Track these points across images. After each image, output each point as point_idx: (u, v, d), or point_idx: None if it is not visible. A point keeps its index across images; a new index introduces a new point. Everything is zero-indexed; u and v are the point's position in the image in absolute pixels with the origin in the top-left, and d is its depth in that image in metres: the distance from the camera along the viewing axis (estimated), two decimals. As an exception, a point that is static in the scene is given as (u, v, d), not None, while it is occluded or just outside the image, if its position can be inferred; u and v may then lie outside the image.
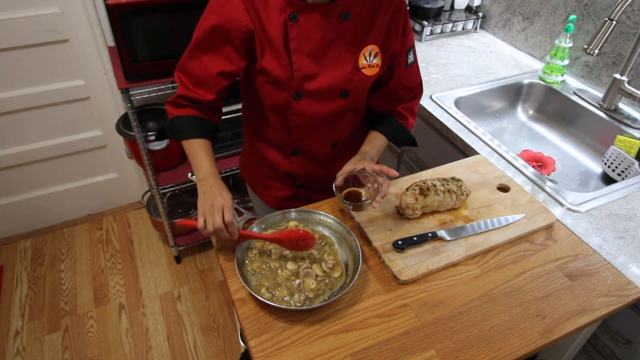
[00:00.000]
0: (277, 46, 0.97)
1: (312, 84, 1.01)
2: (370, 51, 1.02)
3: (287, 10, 0.94)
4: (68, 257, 2.33)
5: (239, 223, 1.02)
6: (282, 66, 0.99)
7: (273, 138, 1.17)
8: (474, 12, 2.06)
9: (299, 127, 1.09)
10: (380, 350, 0.84)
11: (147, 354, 1.92)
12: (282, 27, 0.95)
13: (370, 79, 1.06)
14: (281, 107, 1.06)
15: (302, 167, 1.20)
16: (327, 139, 1.16)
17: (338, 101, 1.05)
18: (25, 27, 1.84)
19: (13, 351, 1.92)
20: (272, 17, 0.95)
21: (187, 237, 2.26)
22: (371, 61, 1.03)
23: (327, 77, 1.01)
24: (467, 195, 1.12)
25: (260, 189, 1.32)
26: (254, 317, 0.89)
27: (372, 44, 1.02)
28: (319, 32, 0.97)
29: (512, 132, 1.69)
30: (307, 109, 1.05)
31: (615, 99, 1.50)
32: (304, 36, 0.96)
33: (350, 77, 1.02)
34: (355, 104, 1.10)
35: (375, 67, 1.05)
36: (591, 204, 1.17)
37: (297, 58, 0.98)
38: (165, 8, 1.53)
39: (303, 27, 0.96)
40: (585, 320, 0.90)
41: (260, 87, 1.05)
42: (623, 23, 1.48)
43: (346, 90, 1.04)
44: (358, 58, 1.02)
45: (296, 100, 1.03)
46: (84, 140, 2.25)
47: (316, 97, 1.03)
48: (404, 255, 1.00)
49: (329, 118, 1.09)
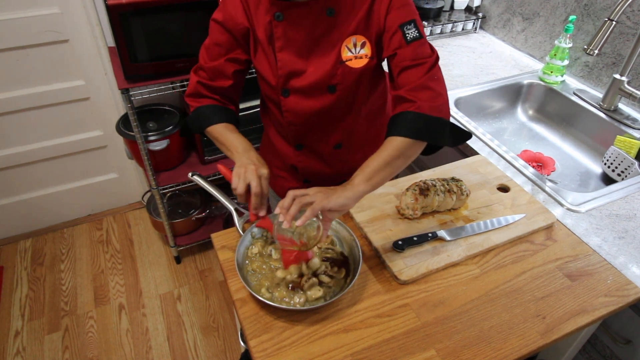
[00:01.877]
0: (264, 45, 1.01)
1: (298, 81, 1.03)
2: (354, 42, 1.00)
3: (272, 10, 0.97)
4: (68, 257, 2.33)
5: (238, 223, 1.02)
6: (269, 64, 1.03)
7: (279, 128, 1.19)
8: (474, 13, 2.06)
9: (293, 124, 1.11)
10: (381, 350, 0.84)
11: (147, 354, 1.92)
12: (267, 26, 0.99)
13: (358, 71, 1.02)
14: (276, 100, 1.09)
15: (305, 161, 1.20)
16: (328, 138, 1.15)
17: (326, 97, 1.05)
18: (26, 28, 1.84)
19: (13, 351, 1.92)
20: (259, 17, 0.99)
21: (187, 237, 2.26)
22: (358, 52, 1.00)
23: (313, 74, 1.02)
24: (467, 196, 1.12)
25: (272, 178, 1.32)
26: (254, 317, 0.89)
27: (355, 34, 0.99)
28: (304, 30, 0.98)
29: (512, 133, 1.69)
30: (296, 106, 1.06)
31: (615, 99, 1.50)
32: (289, 34, 0.98)
33: (333, 70, 1.01)
34: (347, 100, 1.07)
35: (364, 58, 1.01)
36: (591, 204, 1.18)
37: (282, 56, 1.00)
38: (165, 8, 1.53)
39: (287, 26, 0.97)
40: (585, 321, 0.90)
41: (259, 81, 1.10)
42: (623, 23, 1.48)
43: (332, 85, 1.03)
44: (341, 50, 1.00)
45: (284, 97, 1.06)
46: (84, 140, 2.25)
47: (303, 93, 1.04)
48: (404, 255, 1.00)
49: (322, 115, 1.08)
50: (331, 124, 1.12)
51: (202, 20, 1.61)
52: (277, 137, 1.22)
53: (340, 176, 1.22)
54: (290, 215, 0.82)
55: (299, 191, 0.86)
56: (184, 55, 1.64)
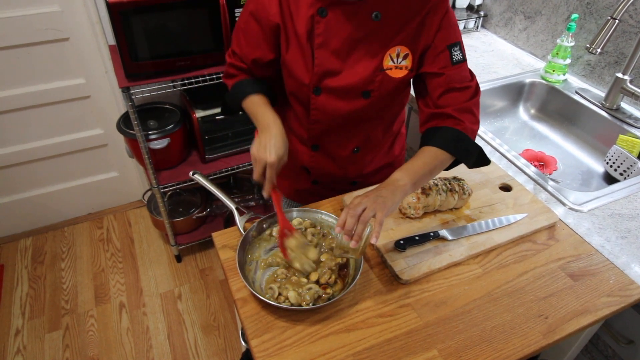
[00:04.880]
0: (302, 40, 0.98)
1: (333, 81, 1.01)
2: (398, 52, 0.99)
3: (316, 5, 0.94)
4: (68, 255, 2.33)
5: (239, 222, 1.02)
6: (304, 61, 1.00)
7: (296, 127, 1.17)
8: (476, 11, 2.05)
9: (318, 122, 1.09)
10: (382, 350, 0.84)
11: (148, 353, 1.92)
12: (309, 21, 0.96)
13: (396, 82, 1.02)
14: (303, 98, 1.07)
15: (319, 163, 1.19)
16: (348, 142, 1.14)
17: (359, 101, 1.04)
18: (26, 26, 1.84)
19: (14, 350, 1.92)
20: (301, 11, 0.96)
21: (188, 236, 2.26)
22: (399, 63, 1.00)
23: (349, 76, 1.00)
24: (469, 195, 1.12)
25: (280, 179, 1.30)
26: (256, 317, 0.89)
27: (400, 45, 0.98)
28: (347, 30, 0.95)
29: (514, 132, 1.68)
30: (326, 105, 1.05)
31: (617, 98, 1.50)
32: (331, 32, 0.96)
33: (372, 77, 1.00)
34: (378, 106, 1.06)
35: (404, 69, 1.01)
36: (593, 203, 1.17)
37: (320, 53, 0.98)
38: (166, 6, 1.53)
39: (330, 23, 0.95)
40: (588, 321, 0.90)
41: (285, 78, 1.08)
42: (625, 22, 1.47)
43: (368, 90, 1.02)
44: (383, 58, 0.99)
45: (316, 95, 1.03)
46: (84, 138, 2.24)
47: (336, 94, 1.03)
48: (405, 254, 0.99)
49: (350, 118, 1.07)
50: (354, 128, 1.11)
51: (203, 18, 1.60)
52: (291, 136, 1.20)
53: (347, 179, 1.23)
54: (349, 230, 0.83)
55: (352, 204, 0.85)
56: (184, 54, 1.64)
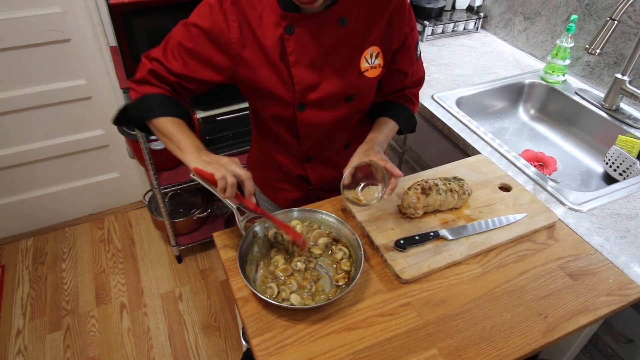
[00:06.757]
0: (275, 61, 0.96)
1: (314, 94, 1.00)
2: (371, 53, 1.01)
3: (282, 24, 0.92)
4: (69, 256, 2.33)
5: (240, 222, 1.02)
6: (282, 81, 0.98)
7: (283, 145, 1.16)
8: (475, 12, 2.06)
9: (309, 137, 1.09)
10: (382, 349, 0.84)
11: (149, 353, 1.92)
12: (278, 41, 0.94)
13: (374, 81, 1.05)
14: (287, 119, 1.05)
15: (316, 172, 1.20)
16: (339, 143, 1.16)
17: (343, 107, 1.05)
18: (27, 27, 1.84)
19: (15, 350, 1.92)
20: (266, 33, 0.94)
21: (189, 236, 2.27)
22: (373, 62, 1.02)
23: (330, 85, 1.00)
24: (468, 195, 1.12)
25: (271, 191, 1.30)
26: (256, 316, 0.89)
27: (372, 45, 1.00)
28: (317, 41, 0.95)
29: (514, 132, 1.69)
30: (313, 119, 1.04)
31: (616, 99, 1.50)
32: (303, 47, 0.95)
33: (354, 82, 1.01)
34: (361, 106, 1.10)
35: (378, 68, 1.03)
36: (593, 203, 1.18)
37: (297, 70, 0.96)
38: (167, 7, 1.54)
39: (300, 39, 0.94)
40: (587, 320, 0.90)
41: (262, 100, 1.04)
42: (625, 23, 1.48)
43: (350, 95, 1.03)
44: (360, 62, 1.00)
45: (301, 112, 1.03)
46: (85, 139, 2.25)
47: (320, 105, 1.03)
48: (405, 254, 1.00)
49: (337, 123, 1.08)
50: (342, 130, 1.13)
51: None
52: (278, 152, 1.18)
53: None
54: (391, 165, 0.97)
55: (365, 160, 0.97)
56: (185, 55, 1.64)
